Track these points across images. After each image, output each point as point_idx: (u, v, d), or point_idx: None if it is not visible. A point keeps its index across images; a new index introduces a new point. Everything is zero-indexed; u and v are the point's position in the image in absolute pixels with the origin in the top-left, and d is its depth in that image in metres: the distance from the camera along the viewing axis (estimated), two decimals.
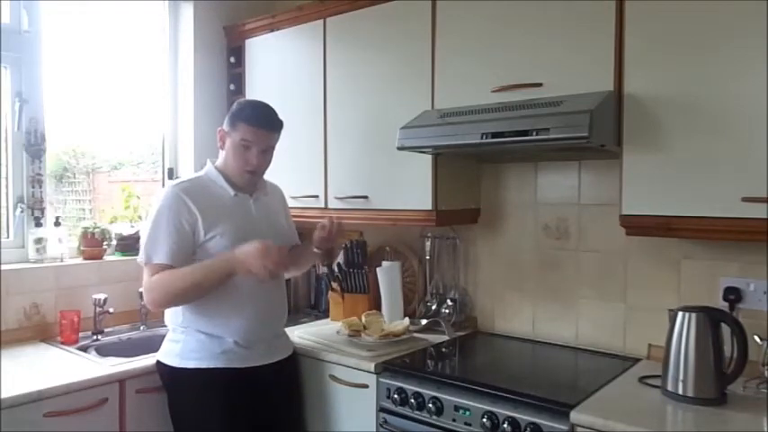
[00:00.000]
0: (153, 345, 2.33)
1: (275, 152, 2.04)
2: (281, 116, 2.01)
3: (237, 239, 1.88)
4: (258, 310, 1.96)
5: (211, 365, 1.89)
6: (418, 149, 2.10)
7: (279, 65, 2.72)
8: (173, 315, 1.96)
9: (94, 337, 2.37)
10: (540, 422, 1.61)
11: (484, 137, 1.83)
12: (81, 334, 2.34)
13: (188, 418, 1.93)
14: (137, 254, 2.65)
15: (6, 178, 2.39)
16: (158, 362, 1.98)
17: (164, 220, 1.85)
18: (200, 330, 1.91)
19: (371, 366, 1.99)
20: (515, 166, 2.35)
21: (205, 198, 1.91)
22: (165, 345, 1.99)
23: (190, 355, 1.90)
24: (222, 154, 2.01)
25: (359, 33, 2.41)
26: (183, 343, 1.92)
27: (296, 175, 2.58)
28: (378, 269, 2.50)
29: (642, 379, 1.80)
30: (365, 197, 2.38)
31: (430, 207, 2.20)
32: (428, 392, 1.85)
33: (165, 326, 2.57)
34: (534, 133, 1.72)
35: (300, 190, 2.57)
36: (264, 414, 1.98)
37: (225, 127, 1.98)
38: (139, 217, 2.88)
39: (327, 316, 2.67)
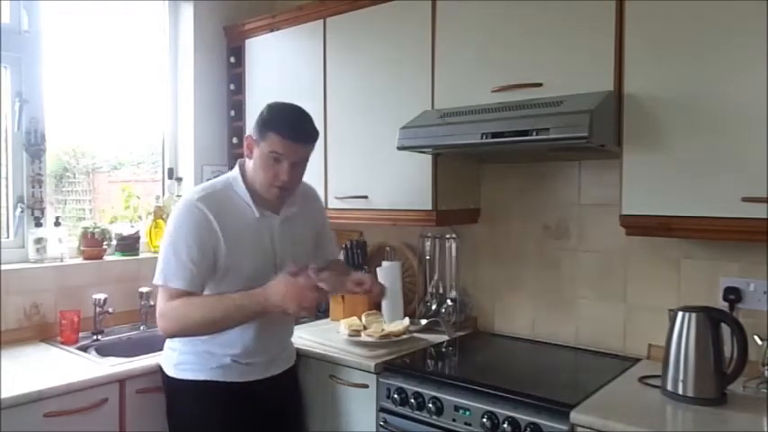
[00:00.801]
0: (153, 345, 2.32)
1: None
2: None
3: (255, 273, 1.72)
4: (263, 324, 1.81)
5: (206, 378, 1.79)
6: (418, 149, 2.10)
7: (279, 65, 2.72)
8: None
9: (94, 337, 2.37)
10: (540, 422, 1.61)
11: (484, 137, 1.83)
12: (81, 334, 2.33)
13: (184, 430, 1.87)
14: (137, 254, 2.69)
15: (6, 178, 2.39)
16: (159, 366, 1.93)
17: (183, 239, 1.67)
18: (197, 343, 1.79)
19: (371, 366, 1.99)
20: (515, 166, 2.35)
21: (228, 216, 1.72)
22: (164, 350, 1.91)
23: (185, 367, 1.81)
24: (250, 163, 1.79)
25: (359, 33, 2.41)
26: (180, 353, 1.83)
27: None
28: (378, 269, 2.48)
29: (642, 379, 1.80)
30: (365, 197, 2.38)
31: (430, 207, 2.20)
32: (428, 392, 1.85)
33: None
34: (534, 133, 1.72)
35: None
36: (266, 427, 1.89)
37: (253, 134, 1.74)
38: (139, 217, 2.88)
39: (327, 316, 2.67)
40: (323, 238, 2.03)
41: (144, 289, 2.52)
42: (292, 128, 1.71)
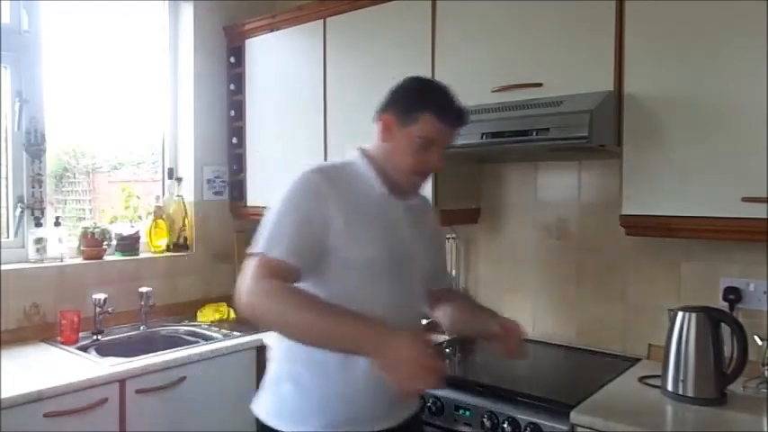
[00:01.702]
0: (153, 345, 2.33)
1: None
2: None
3: (376, 258, 1.40)
4: None
5: (304, 430, 1.39)
6: None
7: (279, 65, 2.72)
8: (276, 339, 1.49)
9: (94, 337, 2.36)
10: (540, 422, 1.61)
11: (484, 137, 1.83)
12: (81, 334, 2.33)
13: None
14: (137, 254, 2.68)
15: (6, 178, 2.39)
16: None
17: (292, 208, 1.39)
18: (295, 380, 1.42)
19: None
20: (515, 166, 2.35)
21: (349, 191, 1.43)
22: (262, 391, 1.50)
23: (278, 414, 1.42)
24: (380, 144, 1.50)
25: (359, 33, 2.41)
26: (274, 393, 1.46)
27: (295, 175, 2.56)
28: None
29: (642, 379, 1.80)
30: None
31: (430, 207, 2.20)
32: (428, 392, 1.85)
33: (165, 325, 2.58)
34: (534, 133, 1.72)
35: None
36: None
37: (395, 113, 1.46)
38: (139, 217, 2.88)
39: None
40: (438, 258, 1.67)
41: (144, 289, 2.53)
42: (453, 110, 1.45)
